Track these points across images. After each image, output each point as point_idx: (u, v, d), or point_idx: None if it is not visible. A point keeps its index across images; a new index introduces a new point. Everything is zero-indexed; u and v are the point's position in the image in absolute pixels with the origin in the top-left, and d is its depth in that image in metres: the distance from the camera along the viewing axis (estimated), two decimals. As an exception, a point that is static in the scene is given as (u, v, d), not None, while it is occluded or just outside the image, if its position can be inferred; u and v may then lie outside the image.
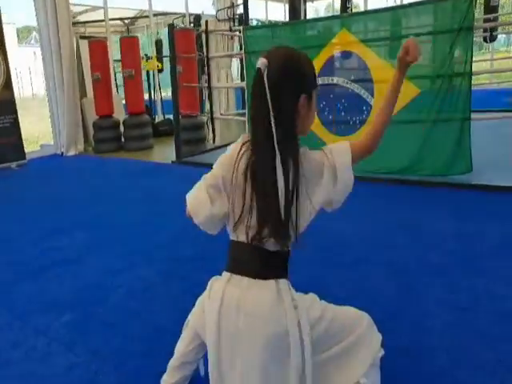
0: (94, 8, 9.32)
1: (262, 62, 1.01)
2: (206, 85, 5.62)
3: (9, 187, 4.98)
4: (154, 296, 2.24)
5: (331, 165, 1.10)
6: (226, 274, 1.16)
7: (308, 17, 9.80)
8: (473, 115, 3.53)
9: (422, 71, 3.59)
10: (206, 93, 6.62)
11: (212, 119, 5.22)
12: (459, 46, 3.22)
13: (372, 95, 3.72)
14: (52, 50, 6.05)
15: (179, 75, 5.04)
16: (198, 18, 7.77)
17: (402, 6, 3.50)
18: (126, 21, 11.51)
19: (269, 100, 0.99)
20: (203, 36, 5.32)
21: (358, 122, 3.90)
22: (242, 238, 1.11)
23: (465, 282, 2.14)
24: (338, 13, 8.47)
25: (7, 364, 1.80)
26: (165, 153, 6.15)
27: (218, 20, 6.59)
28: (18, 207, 4.08)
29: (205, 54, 5.21)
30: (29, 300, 2.31)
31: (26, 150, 6.35)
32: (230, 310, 1.08)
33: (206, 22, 4.60)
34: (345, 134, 4.04)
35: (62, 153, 6.60)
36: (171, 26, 4.66)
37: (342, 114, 3.98)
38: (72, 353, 1.83)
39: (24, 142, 6.18)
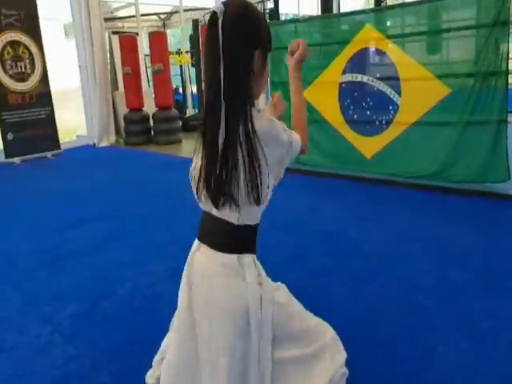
0: (132, 4, 9.51)
1: (218, 7, 0.93)
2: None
3: (42, 176, 5.19)
4: (159, 293, 2.25)
5: (288, 138, 1.03)
6: (196, 243, 1.14)
7: (344, 11, 9.52)
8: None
9: (452, 69, 3.37)
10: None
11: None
12: (494, 41, 2.98)
13: (399, 94, 3.54)
14: (85, 45, 6.25)
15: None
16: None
17: (430, 0, 3.27)
18: (162, 16, 11.68)
19: (220, 47, 0.91)
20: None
21: (383, 122, 3.73)
22: (207, 207, 1.07)
23: (484, 306, 1.95)
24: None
25: (11, 349, 1.86)
26: (193, 147, 6.18)
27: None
28: (46, 196, 4.24)
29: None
30: (41, 288, 2.38)
31: (64, 140, 6.62)
32: (198, 277, 1.09)
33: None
34: (370, 135, 3.89)
35: (95, 144, 6.81)
36: (195, 22, 4.66)
37: (368, 113, 3.82)
38: (71, 345, 1.87)
39: (64, 132, 6.42)
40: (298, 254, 2.60)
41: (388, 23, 3.56)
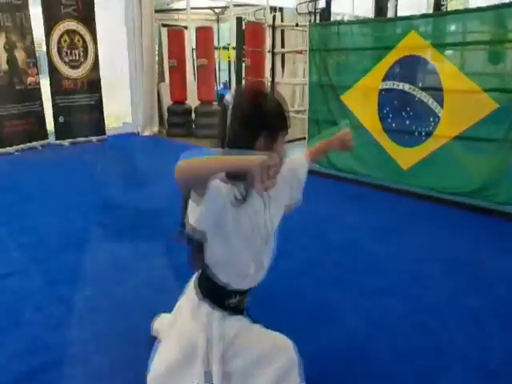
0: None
1: (228, 97, 1.10)
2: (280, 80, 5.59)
3: (85, 159, 5.46)
4: (169, 287, 2.29)
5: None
6: None
7: (402, 14, 9.14)
8: None
9: (501, 83, 3.14)
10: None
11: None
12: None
13: (441, 106, 3.35)
14: (135, 35, 6.46)
15: (247, 69, 5.04)
16: (280, 11, 7.67)
17: (479, 9, 3.04)
18: (217, 10, 11.81)
19: (227, 132, 1.07)
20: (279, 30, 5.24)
21: (423, 133, 3.56)
22: None
23: (500, 339, 1.82)
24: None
25: (26, 325, 1.98)
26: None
27: (298, 14, 6.44)
28: (85, 178, 4.46)
29: (270, 48, 5.15)
30: (63, 269, 2.51)
31: (112, 125, 6.93)
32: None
33: (274, 16, 4.51)
34: (408, 145, 3.73)
35: (138, 132, 7.06)
36: (239, 19, 4.67)
37: (407, 122, 3.65)
38: (80, 327, 1.96)
39: (115, 117, 6.70)
40: (310, 261, 2.55)
41: (435, 31, 3.36)
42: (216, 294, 1.20)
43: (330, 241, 2.85)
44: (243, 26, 5.49)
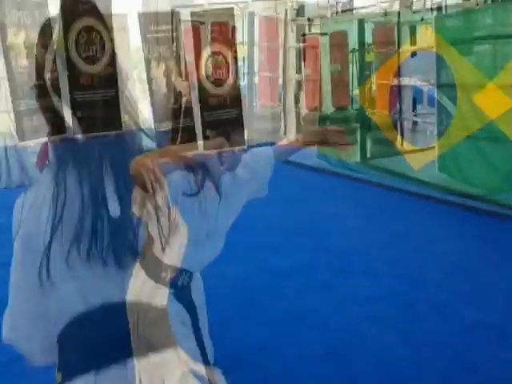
0: (212, -8, 9.60)
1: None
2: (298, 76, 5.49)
3: (99, 153, 5.56)
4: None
5: None
6: None
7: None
8: None
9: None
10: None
11: (284, 111, 5.09)
12: None
13: (454, 104, 3.17)
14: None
15: (260, 64, 4.97)
16: (301, 7, 7.46)
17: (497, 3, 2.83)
18: (241, 5, 11.73)
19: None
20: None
21: (435, 132, 3.39)
22: None
23: (486, 355, 1.68)
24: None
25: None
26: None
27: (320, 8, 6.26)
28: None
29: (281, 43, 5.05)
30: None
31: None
32: None
33: (286, 11, 4.41)
34: (420, 144, 3.58)
35: (155, 127, 7.14)
36: (251, 14, 4.59)
37: (419, 120, 3.50)
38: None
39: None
40: (303, 262, 2.48)
41: (449, 26, 3.16)
42: (153, 264, 1.13)
43: (327, 242, 2.76)
44: (257, 22, 5.41)
